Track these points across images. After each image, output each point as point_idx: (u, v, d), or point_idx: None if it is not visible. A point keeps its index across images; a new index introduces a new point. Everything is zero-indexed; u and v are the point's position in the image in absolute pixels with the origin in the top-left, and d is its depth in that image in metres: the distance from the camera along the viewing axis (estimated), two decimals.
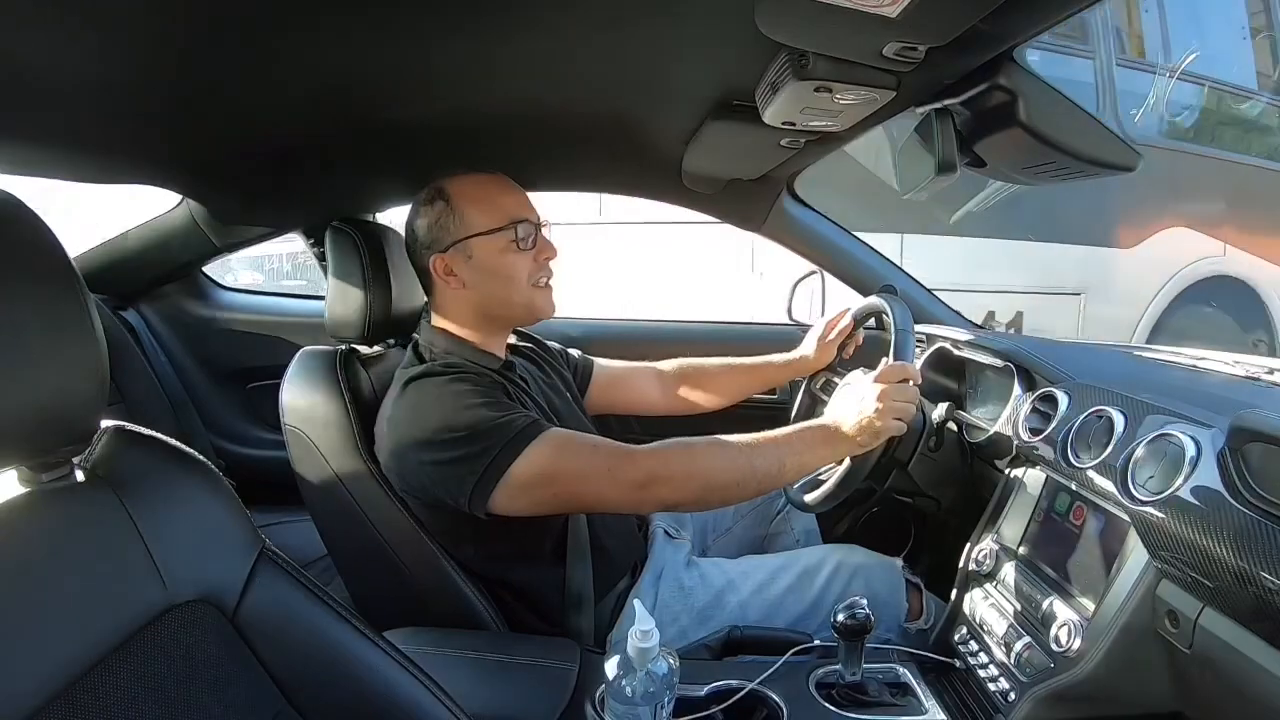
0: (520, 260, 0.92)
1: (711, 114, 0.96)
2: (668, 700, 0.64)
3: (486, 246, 0.91)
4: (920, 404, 1.07)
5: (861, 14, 0.57)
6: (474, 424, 0.80)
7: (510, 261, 0.91)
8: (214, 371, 1.72)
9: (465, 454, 0.79)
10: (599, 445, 0.84)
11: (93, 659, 0.43)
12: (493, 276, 0.92)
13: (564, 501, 0.83)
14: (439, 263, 0.91)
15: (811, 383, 1.29)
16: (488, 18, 0.71)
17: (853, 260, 1.48)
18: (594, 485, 0.82)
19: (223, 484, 0.55)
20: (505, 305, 0.94)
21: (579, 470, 0.82)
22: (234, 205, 1.41)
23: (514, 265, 0.92)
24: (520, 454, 0.79)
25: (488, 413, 0.81)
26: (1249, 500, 0.59)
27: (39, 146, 0.96)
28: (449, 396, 0.83)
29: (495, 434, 0.80)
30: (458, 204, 0.91)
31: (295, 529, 1.13)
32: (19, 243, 0.42)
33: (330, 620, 0.55)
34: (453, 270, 0.91)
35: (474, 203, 0.91)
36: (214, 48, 0.71)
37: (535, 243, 0.93)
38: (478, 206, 0.91)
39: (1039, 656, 0.76)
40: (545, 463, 0.80)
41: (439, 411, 0.82)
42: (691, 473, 0.83)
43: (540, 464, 0.80)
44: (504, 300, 0.93)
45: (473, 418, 0.80)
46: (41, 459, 0.46)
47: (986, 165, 0.89)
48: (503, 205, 0.92)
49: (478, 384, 0.85)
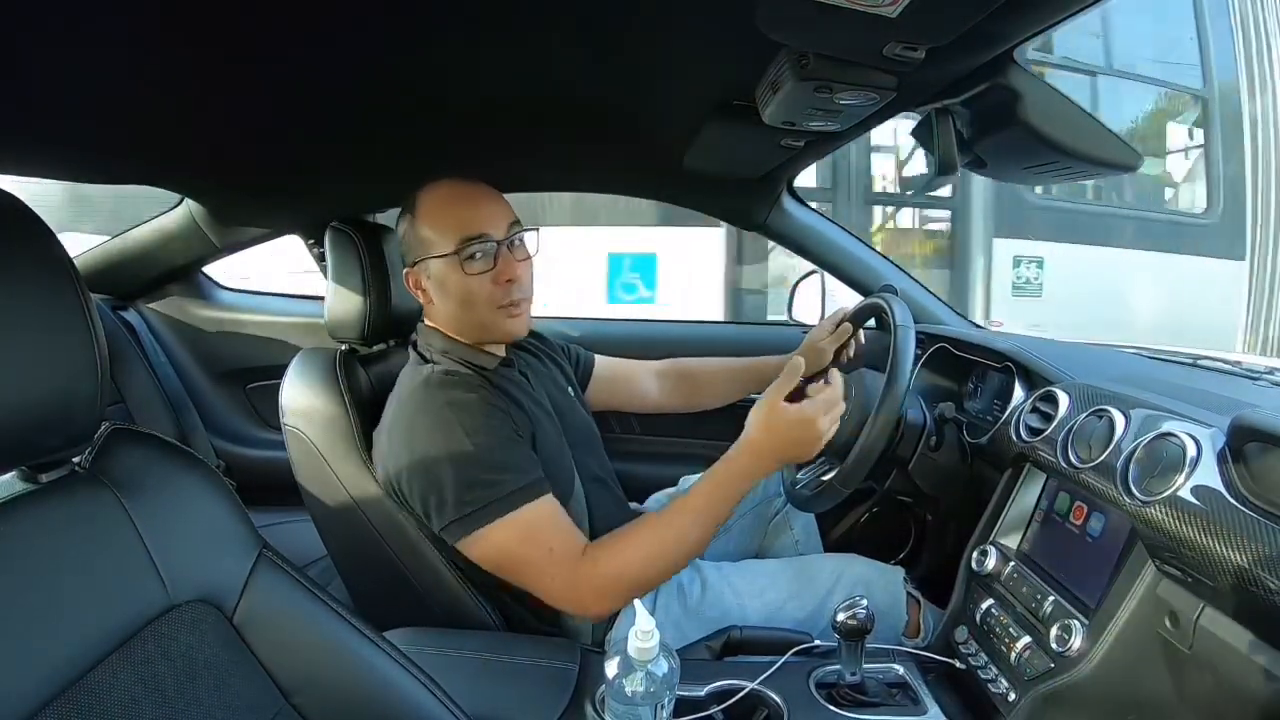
0: (476, 284, 0.87)
1: (711, 114, 0.96)
2: (668, 700, 0.63)
3: (442, 268, 0.88)
4: (921, 403, 1.07)
5: (861, 14, 0.57)
6: (468, 463, 0.80)
7: (467, 285, 0.87)
8: (214, 371, 1.72)
9: (450, 494, 0.80)
10: (554, 551, 0.81)
11: (92, 659, 0.43)
12: (451, 299, 0.89)
13: (513, 580, 0.84)
14: (409, 276, 0.91)
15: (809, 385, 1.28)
16: (487, 18, 0.71)
17: (853, 260, 1.48)
18: (541, 584, 0.83)
19: (222, 484, 0.55)
20: (472, 326, 0.91)
21: (533, 565, 0.82)
22: (234, 205, 1.41)
23: (470, 289, 0.87)
24: (492, 522, 0.79)
25: (485, 457, 0.80)
26: (1249, 500, 0.59)
27: (39, 146, 0.96)
28: (452, 421, 0.81)
29: (480, 490, 0.80)
30: (419, 220, 0.89)
31: (295, 529, 1.13)
32: (19, 243, 0.42)
33: (330, 620, 0.55)
34: (420, 285, 0.91)
35: (431, 220, 0.88)
36: (214, 49, 0.71)
37: (496, 262, 0.88)
38: (434, 225, 0.87)
39: (1039, 657, 0.76)
40: (502, 548, 0.81)
41: (440, 433, 0.81)
42: (633, 585, 0.82)
43: (499, 545, 0.81)
44: (471, 321, 0.91)
45: (470, 455, 0.80)
46: (41, 459, 0.46)
47: (987, 165, 0.89)
48: (459, 223, 0.87)
49: (481, 408, 0.83)
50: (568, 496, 0.92)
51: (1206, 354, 1.06)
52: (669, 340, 1.57)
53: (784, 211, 1.44)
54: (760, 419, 0.83)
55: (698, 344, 1.48)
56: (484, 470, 0.80)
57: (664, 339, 1.59)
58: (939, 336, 1.30)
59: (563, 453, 0.94)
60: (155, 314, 1.67)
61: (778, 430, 0.83)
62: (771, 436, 0.83)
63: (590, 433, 1.07)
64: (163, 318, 1.68)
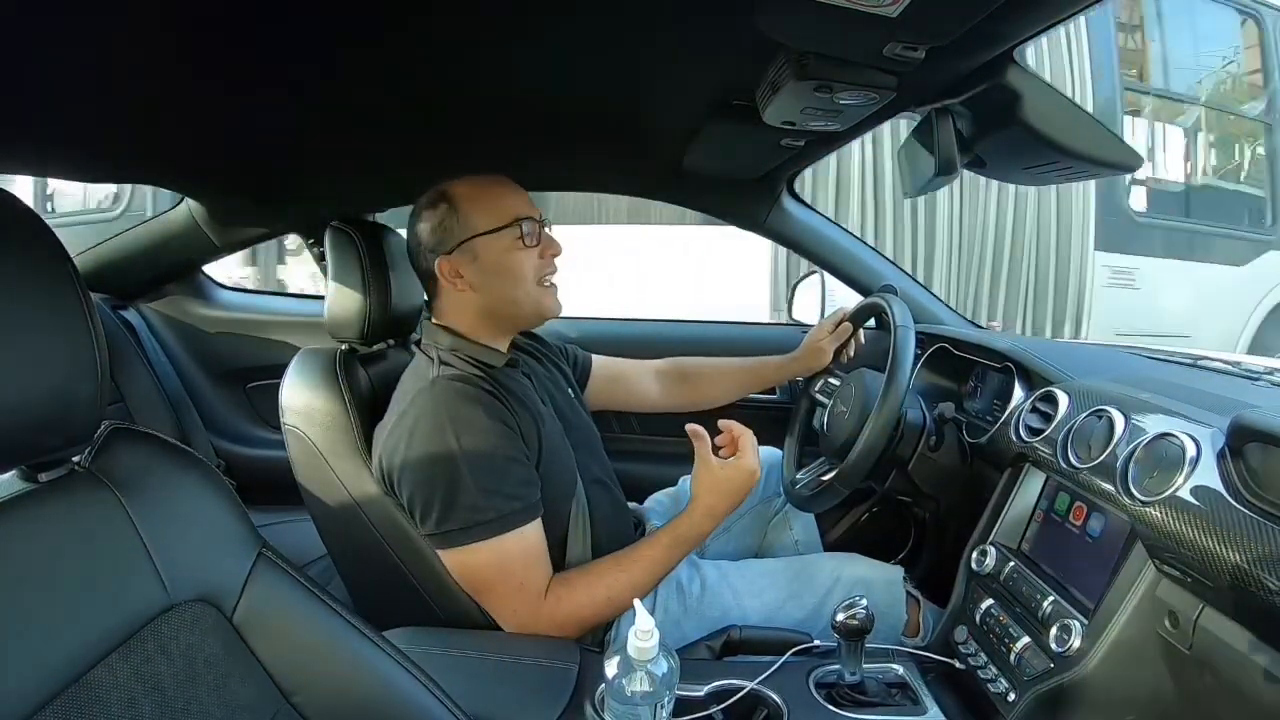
0: (526, 258, 0.92)
1: (711, 114, 0.96)
2: (667, 700, 0.63)
3: (491, 246, 0.91)
4: (921, 403, 1.07)
5: (861, 14, 0.57)
6: (460, 481, 0.81)
7: (517, 259, 0.91)
8: (214, 371, 1.72)
9: (438, 507, 0.82)
10: (524, 587, 0.84)
11: (92, 659, 0.43)
12: (499, 276, 0.92)
13: (475, 596, 0.87)
14: (444, 265, 0.91)
15: (810, 385, 1.29)
16: (487, 19, 0.71)
17: (853, 260, 1.48)
18: (501, 612, 0.86)
19: (222, 484, 0.55)
20: (512, 304, 0.94)
21: (499, 594, 0.85)
22: (234, 205, 1.42)
23: (520, 263, 0.92)
24: (473, 542, 0.82)
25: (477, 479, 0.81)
26: (1249, 500, 0.59)
27: (39, 146, 0.96)
28: (443, 441, 0.82)
29: (465, 513, 0.81)
30: (460, 205, 0.91)
31: (295, 529, 1.13)
32: (19, 243, 0.42)
33: (330, 620, 0.55)
34: (459, 272, 0.91)
35: (476, 203, 0.91)
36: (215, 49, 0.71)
37: (540, 239, 0.93)
38: (480, 206, 0.91)
39: (1039, 657, 0.76)
40: (475, 570, 0.84)
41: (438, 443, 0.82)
42: (585, 623, 0.87)
43: (473, 566, 0.84)
44: (511, 299, 0.93)
45: (463, 473, 0.81)
46: (41, 458, 0.46)
47: (987, 165, 0.89)
48: (505, 204, 0.92)
49: (475, 431, 0.83)
50: (569, 497, 0.92)
51: (1206, 354, 1.06)
52: (668, 340, 1.57)
53: (784, 211, 1.44)
54: (704, 484, 0.91)
55: (697, 344, 1.48)
56: (473, 492, 0.81)
57: (664, 338, 1.59)
58: (939, 336, 1.30)
59: (566, 453, 0.95)
60: (155, 314, 1.68)
61: (720, 488, 0.90)
62: (718, 495, 0.91)
63: (590, 434, 1.07)
64: (163, 317, 1.68)
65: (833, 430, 1.11)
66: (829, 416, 1.15)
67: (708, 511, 0.90)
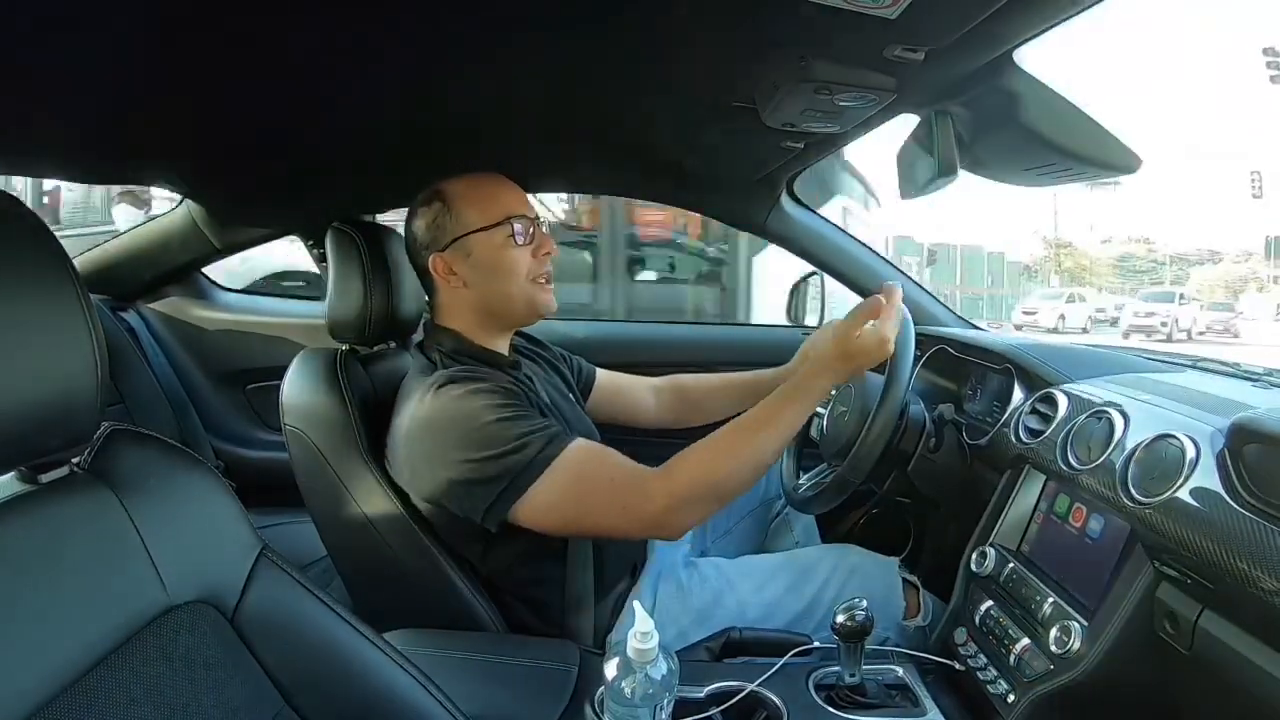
0: (519, 255, 0.92)
1: (711, 114, 0.96)
2: (667, 702, 0.63)
3: (484, 243, 0.91)
4: (921, 405, 1.07)
5: (861, 16, 0.57)
6: (489, 444, 0.79)
7: (509, 257, 0.92)
8: (214, 372, 1.72)
9: (480, 476, 0.79)
10: (615, 480, 0.80)
11: (92, 660, 0.43)
12: (492, 273, 0.92)
13: (579, 531, 0.84)
14: (438, 262, 0.92)
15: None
16: (487, 21, 0.71)
17: (853, 261, 1.48)
18: (609, 522, 0.81)
19: (222, 485, 0.55)
20: (506, 301, 0.94)
21: (599, 500, 0.80)
22: (234, 205, 1.41)
23: (513, 260, 0.92)
24: (535, 481, 0.78)
25: (504, 432, 0.79)
26: (1248, 501, 0.59)
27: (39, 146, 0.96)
28: (466, 413, 0.81)
29: (511, 457, 0.79)
30: (454, 203, 0.91)
31: (295, 530, 1.13)
32: (18, 243, 0.42)
33: (330, 621, 0.55)
34: (453, 269, 0.92)
35: (470, 201, 0.92)
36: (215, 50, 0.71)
37: (534, 238, 0.93)
38: (473, 204, 0.91)
39: (1039, 658, 0.75)
40: (558, 495, 0.79)
41: (456, 429, 0.81)
42: (709, 496, 0.81)
43: (553, 496, 0.79)
44: (505, 296, 0.93)
45: (489, 436, 0.79)
46: (41, 459, 0.46)
47: (987, 167, 0.89)
48: (499, 202, 0.92)
49: (493, 394, 0.83)
50: None
51: (1206, 355, 1.06)
52: (668, 340, 1.57)
53: (784, 213, 1.45)
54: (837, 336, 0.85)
55: (697, 344, 1.49)
56: (508, 441, 0.79)
57: (666, 340, 1.59)
58: (938, 338, 1.30)
59: None
60: (155, 315, 1.67)
61: (849, 347, 0.85)
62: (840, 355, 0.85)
63: (592, 435, 1.07)
64: (162, 318, 1.68)
65: (833, 431, 1.11)
66: (829, 418, 1.15)
67: (826, 366, 0.86)
